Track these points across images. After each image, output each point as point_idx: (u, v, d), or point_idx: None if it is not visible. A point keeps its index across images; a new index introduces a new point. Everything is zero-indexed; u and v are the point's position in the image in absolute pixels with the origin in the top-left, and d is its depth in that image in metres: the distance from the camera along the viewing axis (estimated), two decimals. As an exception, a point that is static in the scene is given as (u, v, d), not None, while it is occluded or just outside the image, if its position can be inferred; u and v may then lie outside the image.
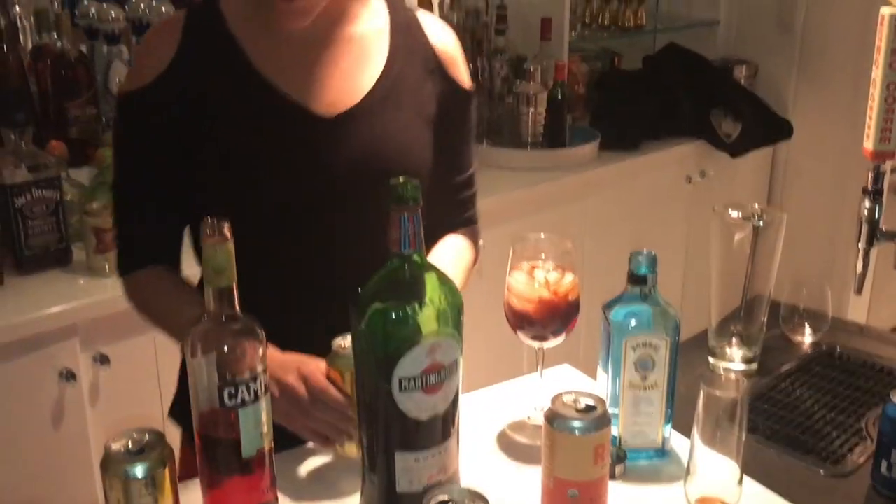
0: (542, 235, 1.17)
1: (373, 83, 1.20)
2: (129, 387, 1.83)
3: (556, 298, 1.13)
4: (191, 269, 1.24)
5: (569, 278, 1.14)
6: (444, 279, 0.96)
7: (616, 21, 3.07)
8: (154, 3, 2.19)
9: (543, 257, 1.15)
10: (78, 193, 1.94)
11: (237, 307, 0.95)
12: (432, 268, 0.95)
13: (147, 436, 0.93)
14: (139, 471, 0.89)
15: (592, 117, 2.88)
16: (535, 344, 1.17)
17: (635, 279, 1.11)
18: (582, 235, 2.55)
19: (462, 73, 1.29)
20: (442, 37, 1.27)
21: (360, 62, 1.21)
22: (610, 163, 2.65)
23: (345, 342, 1.08)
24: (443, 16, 2.85)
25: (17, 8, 2.09)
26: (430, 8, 2.77)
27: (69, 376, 1.72)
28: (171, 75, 1.14)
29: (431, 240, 1.32)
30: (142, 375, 1.84)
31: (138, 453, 0.91)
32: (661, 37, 3.28)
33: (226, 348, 0.95)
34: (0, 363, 1.66)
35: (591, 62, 3.02)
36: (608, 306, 1.14)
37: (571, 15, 2.84)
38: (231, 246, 0.93)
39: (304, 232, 1.18)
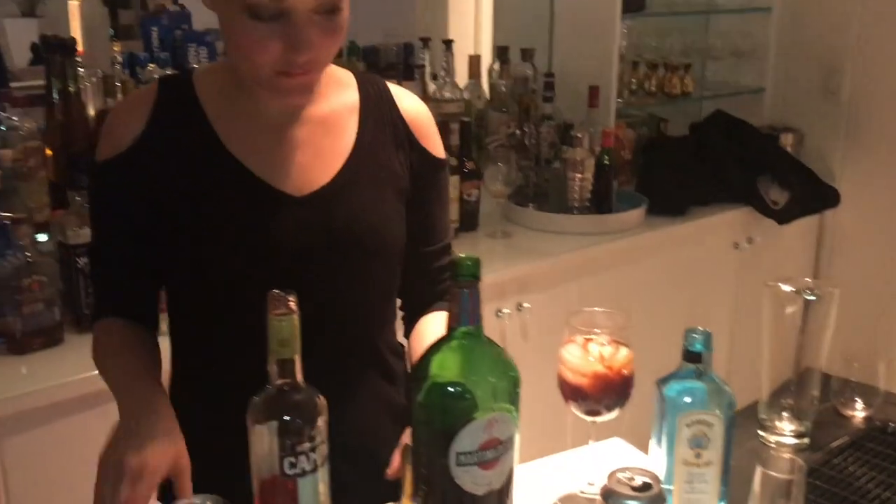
0: (597, 309, 1.18)
1: (343, 161, 1.21)
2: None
3: (611, 373, 1.14)
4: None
5: (623, 353, 1.15)
6: (502, 354, 0.97)
7: (662, 88, 3.10)
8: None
9: (598, 331, 1.16)
10: (136, 253, 1.99)
11: (299, 377, 0.98)
12: (491, 342, 0.97)
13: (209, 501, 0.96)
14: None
15: (639, 183, 2.89)
16: (589, 418, 1.18)
17: (690, 356, 1.12)
18: (628, 300, 2.55)
19: (434, 143, 1.29)
20: (413, 107, 1.28)
21: (331, 140, 1.21)
22: (656, 228, 2.67)
23: None
24: (491, 83, 2.91)
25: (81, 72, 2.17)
26: (478, 76, 2.83)
27: (123, 434, 1.74)
28: (141, 146, 1.16)
29: (410, 310, 1.34)
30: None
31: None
32: (708, 103, 3.31)
33: (287, 417, 0.97)
34: (57, 420, 1.69)
35: (637, 128, 3.06)
36: (662, 382, 1.14)
37: (618, 82, 2.88)
38: (296, 319, 0.96)
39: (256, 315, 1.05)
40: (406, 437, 1.08)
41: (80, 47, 2.15)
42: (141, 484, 0.96)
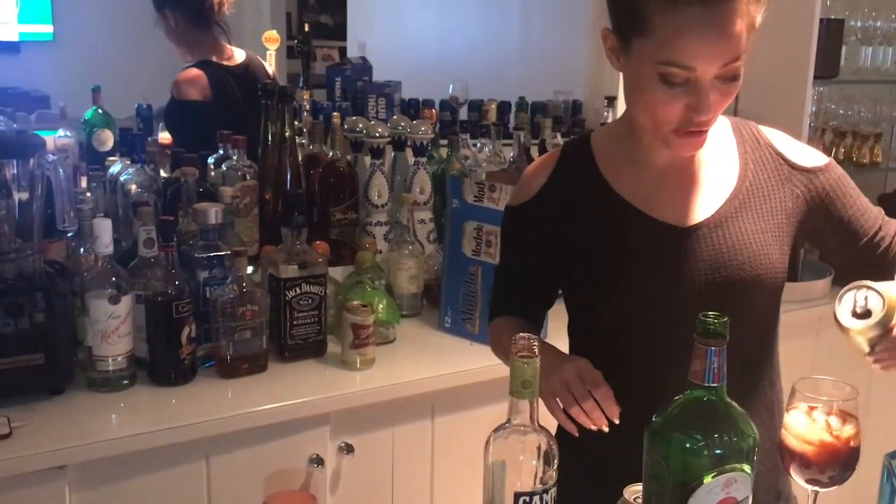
0: (824, 377, 1.17)
1: (727, 195, 1.31)
2: (368, 476, 1.93)
3: (839, 444, 1.12)
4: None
5: (851, 424, 1.13)
6: (741, 414, 0.98)
7: (850, 156, 3.02)
8: (414, 123, 2.38)
9: (825, 398, 1.15)
10: (334, 290, 2.10)
11: (537, 420, 1.02)
12: (732, 403, 0.98)
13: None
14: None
15: (821, 253, 2.81)
16: (810, 487, 1.15)
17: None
18: (821, 371, 2.48)
19: (804, 156, 1.36)
20: (778, 139, 1.37)
21: (714, 181, 1.32)
22: (843, 299, 2.57)
23: (639, 493, 1.06)
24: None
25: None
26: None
27: (318, 462, 1.83)
28: (544, 196, 1.36)
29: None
30: (380, 466, 1.94)
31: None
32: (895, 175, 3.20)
33: (521, 458, 1.01)
34: (255, 445, 1.78)
35: (822, 196, 2.97)
36: (892, 457, 1.12)
37: (806, 150, 2.82)
38: (538, 362, 1.00)
39: (647, 341, 1.28)
40: (627, 493, 1.09)
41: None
42: (593, 375, 1.17)
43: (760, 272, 1.29)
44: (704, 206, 1.31)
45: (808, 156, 1.36)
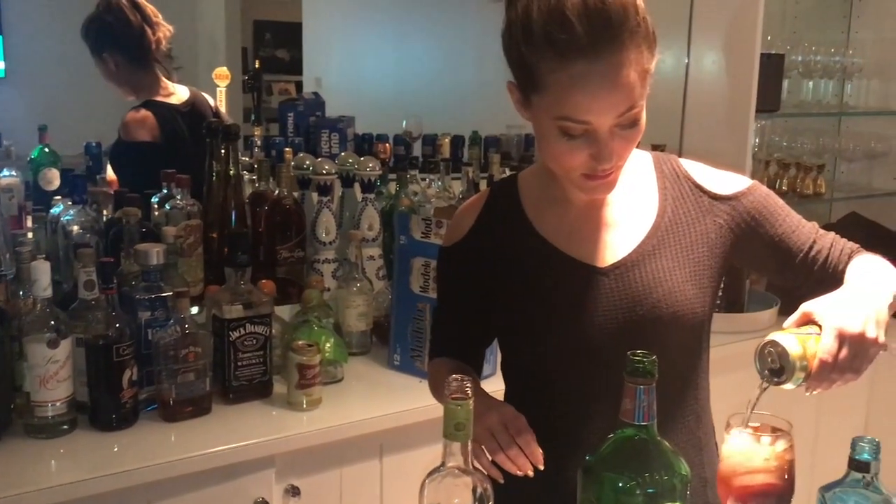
0: (762, 412, 1.18)
1: (643, 236, 1.32)
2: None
3: (780, 471, 1.12)
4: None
5: (788, 452, 1.14)
6: (673, 452, 0.98)
7: (794, 188, 3.08)
8: (362, 159, 2.38)
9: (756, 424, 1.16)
10: (280, 329, 2.08)
11: (471, 463, 1.01)
12: (661, 440, 0.98)
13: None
14: None
15: (768, 282, 2.85)
16: None
17: (857, 465, 1.10)
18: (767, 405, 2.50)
19: (723, 184, 1.35)
20: (695, 169, 1.37)
21: (633, 219, 1.33)
22: (788, 330, 2.61)
23: None
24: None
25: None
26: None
27: (263, 506, 1.80)
28: (472, 237, 1.38)
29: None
30: (327, 509, 1.91)
31: None
32: (839, 205, 3.26)
33: (456, 501, 1.00)
34: (199, 490, 1.75)
35: (767, 227, 3.02)
36: (826, 489, 1.12)
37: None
38: (471, 404, 0.99)
39: (569, 382, 1.29)
40: None
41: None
42: (518, 421, 1.19)
43: (676, 309, 1.28)
44: (623, 244, 1.31)
45: (730, 182, 1.36)
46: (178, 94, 2.55)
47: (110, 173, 2.44)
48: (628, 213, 1.33)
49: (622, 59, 1.13)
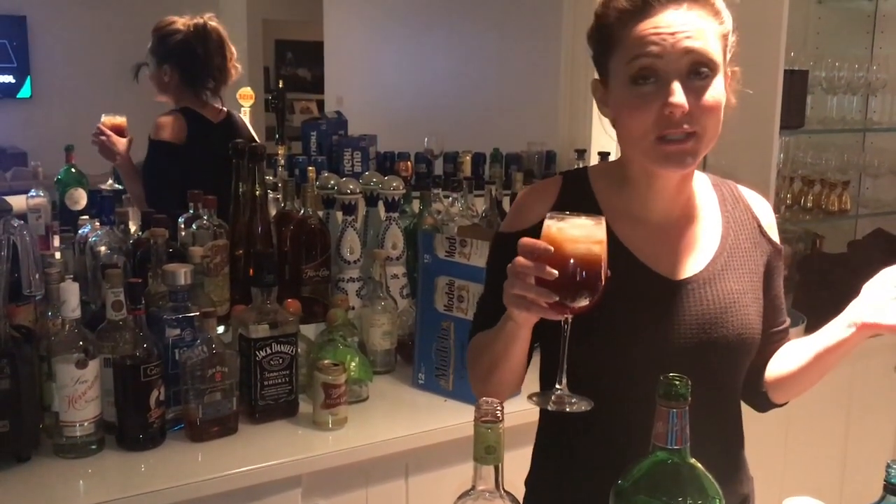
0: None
1: (712, 254, 1.34)
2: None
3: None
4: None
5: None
6: (706, 476, 0.97)
7: (819, 204, 3.06)
8: (385, 178, 2.39)
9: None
10: (306, 348, 2.08)
11: (502, 486, 1.00)
12: (697, 465, 0.97)
13: None
14: None
15: (794, 299, 2.83)
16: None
17: (893, 489, 1.08)
18: (787, 420, 2.48)
19: (774, 233, 1.42)
20: (758, 204, 1.42)
21: (701, 238, 1.35)
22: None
23: None
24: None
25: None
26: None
27: (289, 526, 1.80)
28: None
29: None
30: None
31: None
32: (864, 221, 3.23)
33: (486, 526, 1.00)
34: (228, 508, 1.75)
35: (793, 244, 3.01)
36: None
37: (774, 197, 2.85)
38: (502, 428, 0.99)
39: (624, 391, 1.26)
40: None
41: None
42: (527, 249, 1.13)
43: (742, 332, 1.30)
44: (694, 262, 1.33)
45: (773, 228, 1.42)
46: (216, 110, 2.55)
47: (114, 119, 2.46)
48: (696, 233, 1.35)
49: (696, 8, 1.21)
